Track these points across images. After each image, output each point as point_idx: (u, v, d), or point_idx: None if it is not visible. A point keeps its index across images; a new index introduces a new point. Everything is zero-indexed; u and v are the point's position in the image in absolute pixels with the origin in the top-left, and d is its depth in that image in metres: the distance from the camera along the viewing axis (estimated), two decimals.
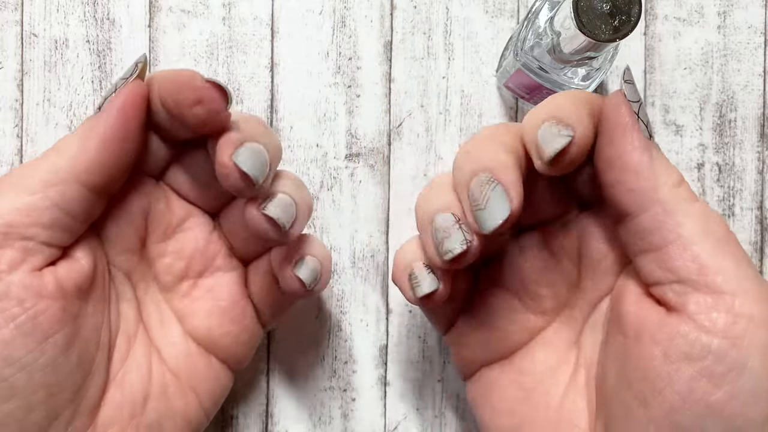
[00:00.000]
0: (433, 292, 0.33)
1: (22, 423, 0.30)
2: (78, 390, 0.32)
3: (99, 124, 0.31)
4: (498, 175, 0.30)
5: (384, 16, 0.43)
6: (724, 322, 0.28)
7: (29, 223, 0.30)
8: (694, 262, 0.29)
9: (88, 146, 0.31)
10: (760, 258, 0.44)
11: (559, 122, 0.30)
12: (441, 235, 0.31)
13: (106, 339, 0.34)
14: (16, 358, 0.29)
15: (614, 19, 0.32)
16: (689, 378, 0.28)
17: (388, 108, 0.43)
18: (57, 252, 0.32)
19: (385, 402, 0.43)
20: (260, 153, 0.31)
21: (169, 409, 0.35)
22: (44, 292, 0.30)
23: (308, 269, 0.34)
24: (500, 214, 0.30)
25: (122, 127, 0.31)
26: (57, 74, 0.43)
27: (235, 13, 0.43)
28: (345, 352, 0.43)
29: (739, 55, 0.44)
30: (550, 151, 0.30)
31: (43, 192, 0.31)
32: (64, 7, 0.43)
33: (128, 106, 0.32)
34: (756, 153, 0.44)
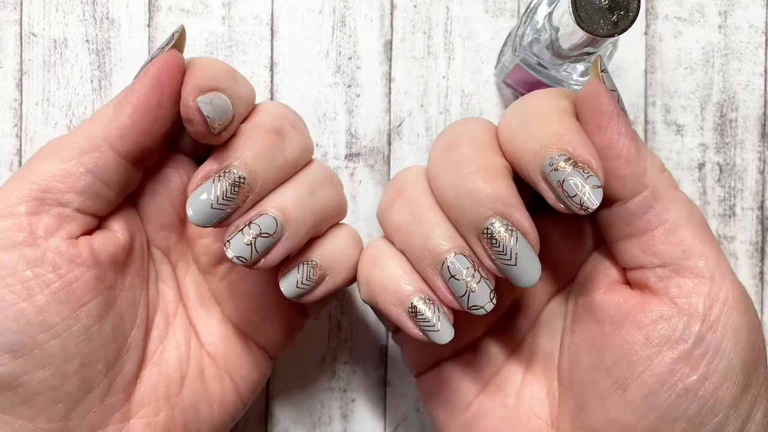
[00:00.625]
0: None
1: (56, 392, 0.30)
2: (112, 363, 0.32)
3: (132, 92, 0.31)
4: (514, 219, 0.29)
5: (384, 15, 0.43)
6: (703, 305, 0.29)
7: (64, 189, 0.31)
8: (679, 246, 0.30)
9: (121, 113, 0.31)
10: (761, 258, 0.43)
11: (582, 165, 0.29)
12: (462, 288, 0.30)
13: (144, 315, 0.34)
14: (51, 325, 0.30)
15: (613, 14, 0.32)
16: (669, 361, 0.29)
17: (388, 108, 0.43)
18: (93, 221, 0.32)
19: (386, 402, 0.43)
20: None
21: (206, 392, 0.35)
22: (78, 260, 0.31)
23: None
24: (535, 270, 0.30)
25: (155, 94, 0.31)
26: (56, 74, 0.43)
27: (235, 13, 0.43)
28: (345, 353, 0.43)
29: (740, 54, 0.44)
30: (591, 204, 0.29)
31: (77, 159, 0.31)
32: (64, 6, 0.43)
33: (162, 74, 0.31)
34: (757, 153, 0.44)
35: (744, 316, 0.30)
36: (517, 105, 0.32)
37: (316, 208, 0.33)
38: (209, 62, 0.32)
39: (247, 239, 0.31)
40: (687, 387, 0.29)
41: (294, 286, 0.33)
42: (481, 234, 0.30)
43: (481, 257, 0.30)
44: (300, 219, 0.32)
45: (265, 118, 0.32)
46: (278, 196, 0.32)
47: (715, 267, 0.30)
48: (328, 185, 0.34)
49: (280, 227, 0.31)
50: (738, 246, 0.43)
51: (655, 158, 0.31)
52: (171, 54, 0.32)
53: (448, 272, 0.30)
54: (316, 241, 0.33)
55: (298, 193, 0.32)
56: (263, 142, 0.31)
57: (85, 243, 0.31)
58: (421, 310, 0.31)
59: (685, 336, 0.29)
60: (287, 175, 0.32)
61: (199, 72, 0.31)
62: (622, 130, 0.30)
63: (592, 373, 0.31)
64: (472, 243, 0.30)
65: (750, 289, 0.43)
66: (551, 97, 0.31)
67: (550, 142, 0.29)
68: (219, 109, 0.30)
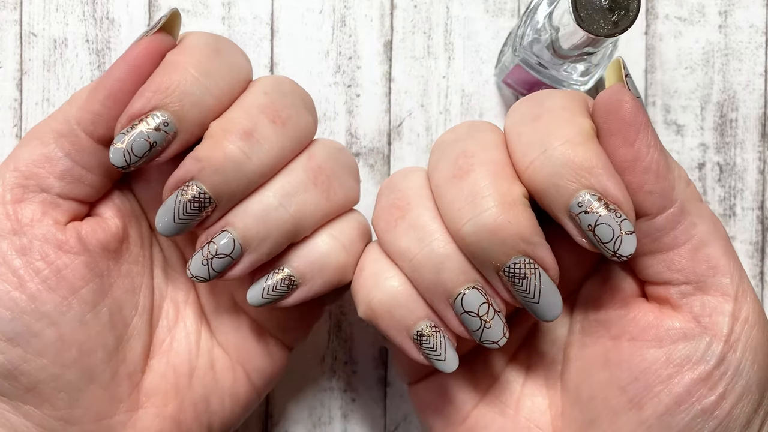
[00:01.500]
0: None
1: (58, 380, 0.30)
2: (113, 352, 0.31)
3: (108, 77, 0.30)
4: (537, 256, 0.28)
5: (384, 15, 0.43)
6: (726, 325, 0.29)
7: (44, 175, 0.30)
8: (705, 263, 0.29)
9: (93, 98, 0.30)
10: (761, 258, 0.43)
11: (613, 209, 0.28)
12: (476, 323, 0.29)
13: (147, 303, 0.33)
14: (44, 313, 0.30)
15: (613, 14, 0.32)
16: (689, 382, 0.28)
17: (388, 107, 0.43)
18: (80, 207, 0.32)
19: (386, 402, 0.43)
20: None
21: (217, 384, 0.34)
22: (66, 247, 0.30)
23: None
24: (557, 306, 0.29)
25: (131, 81, 0.30)
26: (56, 74, 0.43)
27: (235, 13, 0.43)
28: (345, 353, 0.43)
29: (740, 54, 0.44)
30: (626, 254, 0.28)
31: (54, 142, 0.31)
32: (63, 6, 0.43)
33: (139, 60, 0.30)
34: (757, 153, 0.43)
35: (762, 335, 0.29)
36: (530, 119, 0.29)
37: (286, 218, 0.31)
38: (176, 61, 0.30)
39: (204, 259, 0.31)
40: (704, 408, 0.28)
41: (259, 295, 0.32)
42: (501, 271, 0.29)
43: (500, 292, 0.29)
44: (262, 235, 0.30)
45: (237, 117, 0.30)
46: (241, 211, 0.30)
47: (738, 284, 0.29)
48: (309, 187, 0.31)
49: (239, 246, 0.30)
50: (738, 246, 0.43)
51: (681, 170, 0.30)
52: (153, 39, 0.30)
53: (461, 306, 0.29)
54: (293, 247, 0.32)
55: (263, 206, 0.30)
56: (228, 153, 0.29)
57: (73, 229, 0.31)
58: (427, 339, 0.30)
59: (707, 357, 0.28)
60: (259, 181, 0.31)
61: (151, 84, 0.30)
62: (651, 143, 0.29)
63: (605, 390, 0.30)
64: (490, 277, 0.29)
65: None
66: (570, 115, 0.29)
67: (578, 177, 0.27)
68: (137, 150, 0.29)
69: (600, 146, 0.28)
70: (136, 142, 0.29)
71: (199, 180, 0.29)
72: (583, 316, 0.32)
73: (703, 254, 0.29)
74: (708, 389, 0.28)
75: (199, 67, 0.30)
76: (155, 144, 0.29)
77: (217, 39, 0.32)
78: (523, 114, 0.30)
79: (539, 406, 0.33)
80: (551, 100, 0.30)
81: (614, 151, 0.29)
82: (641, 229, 0.29)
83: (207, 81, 0.30)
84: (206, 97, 0.30)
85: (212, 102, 0.30)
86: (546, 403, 0.33)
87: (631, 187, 0.29)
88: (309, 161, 0.32)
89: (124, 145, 0.29)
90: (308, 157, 0.32)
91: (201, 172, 0.29)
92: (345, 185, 0.33)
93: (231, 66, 0.31)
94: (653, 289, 0.30)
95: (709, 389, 0.28)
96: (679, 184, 0.29)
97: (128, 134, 0.29)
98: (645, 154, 0.29)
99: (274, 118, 0.31)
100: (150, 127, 0.29)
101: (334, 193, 0.32)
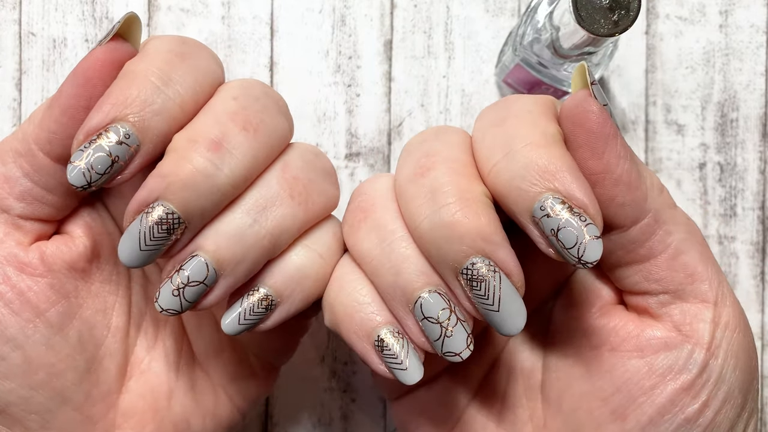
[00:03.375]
0: None
1: (28, 403, 0.29)
2: (84, 373, 0.30)
3: (60, 93, 0.28)
4: (497, 258, 0.27)
5: (384, 14, 0.43)
6: (707, 331, 0.28)
7: (4, 195, 0.29)
8: (683, 270, 0.28)
9: (48, 116, 0.28)
10: (762, 258, 0.43)
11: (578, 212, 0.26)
12: (436, 331, 0.27)
13: (122, 322, 0.32)
14: (10, 336, 0.29)
15: (613, 13, 0.32)
16: (671, 392, 0.28)
17: (388, 107, 0.43)
18: (45, 226, 0.30)
19: (385, 403, 0.43)
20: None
21: (197, 405, 0.33)
22: (28, 269, 0.29)
23: None
24: (520, 316, 0.27)
25: (84, 96, 0.28)
26: (55, 73, 0.42)
27: (235, 12, 0.43)
28: (345, 353, 0.43)
29: (741, 54, 0.44)
30: (590, 260, 0.26)
31: (13, 162, 0.29)
32: (63, 6, 0.43)
33: (92, 72, 0.28)
34: (758, 153, 0.43)
35: (743, 338, 0.29)
36: (496, 125, 0.28)
37: (262, 235, 0.28)
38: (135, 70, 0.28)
39: (174, 289, 0.28)
40: (688, 417, 0.28)
41: (236, 323, 0.29)
42: (459, 274, 0.27)
43: (460, 298, 0.27)
44: (239, 256, 0.28)
45: (204, 126, 0.28)
46: (212, 232, 0.28)
47: (717, 289, 0.29)
48: (285, 200, 0.29)
49: (212, 271, 0.28)
50: (739, 246, 0.43)
51: (653, 177, 0.29)
52: (107, 49, 0.28)
53: (420, 312, 0.27)
54: (267, 263, 0.30)
55: (237, 224, 0.28)
56: (196, 165, 0.27)
57: (36, 250, 0.29)
58: (388, 345, 0.28)
59: (690, 366, 0.28)
60: (232, 195, 0.28)
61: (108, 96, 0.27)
62: (620, 153, 0.27)
63: (587, 401, 0.30)
64: (449, 281, 0.27)
65: (750, 289, 0.43)
66: (535, 118, 0.28)
67: (541, 180, 0.26)
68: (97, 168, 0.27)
69: (565, 149, 0.27)
70: (97, 158, 0.27)
71: (165, 199, 0.27)
72: (563, 325, 0.32)
73: (680, 262, 0.28)
74: (691, 398, 0.28)
75: (160, 75, 0.27)
76: (117, 159, 0.27)
77: (182, 42, 0.29)
78: (489, 118, 0.29)
79: (521, 418, 0.32)
80: (517, 104, 0.29)
81: (583, 163, 0.28)
82: (615, 241, 0.28)
83: (169, 89, 0.28)
84: (169, 105, 0.27)
85: (176, 111, 0.28)
86: (527, 414, 0.32)
87: (602, 200, 0.27)
88: (284, 172, 0.29)
89: (83, 163, 0.27)
90: (283, 167, 0.29)
91: (167, 189, 0.27)
92: (323, 193, 0.30)
93: (197, 71, 0.29)
94: (632, 298, 0.30)
95: (692, 398, 0.28)
96: (652, 192, 0.28)
97: (87, 150, 0.27)
98: (615, 165, 0.27)
99: (245, 125, 0.28)
100: (111, 141, 0.27)
101: (312, 203, 0.30)
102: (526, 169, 0.26)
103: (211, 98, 0.29)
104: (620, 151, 0.27)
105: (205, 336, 0.33)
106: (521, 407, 0.32)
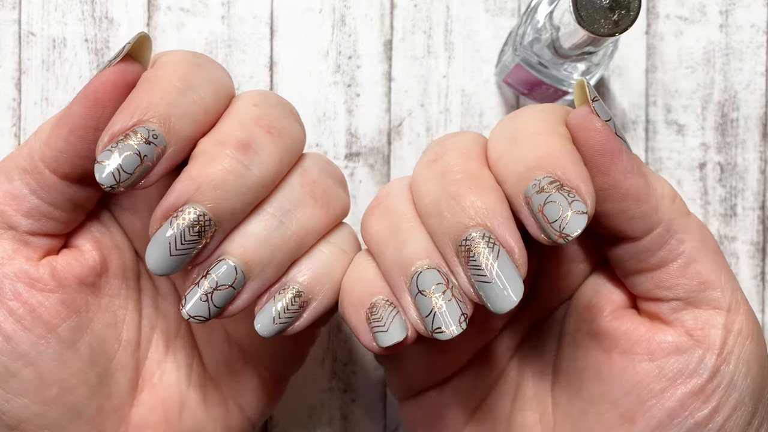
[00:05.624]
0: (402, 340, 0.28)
1: (41, 418, 0.29)
2: (96, 387, 0.30)
3: (69, 112, 0.28)
4: (498, 233, 0.26)
5: (384, 14, 0.43)
6: (719, 337, 0.28)
7: (11, 212, 0.29)
8: (695, 279, 0.28)
9: (56, 135, 0.28)
10: (762, 258, 0.43)
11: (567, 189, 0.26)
12: (428, 305, 0.27)
13: (133, 336, 0.32)
14: (21, 353, 0.28)
15: (613, 13, 0.32)
16: (681, 396, 0.28)
17: (388, 107, 0.43)
18: (54, 241, 0.30)
19: (385, 403, 0.43)
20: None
21: (209, 417, 0.32)
22: (39, 285, 0.29)
23: None
24: (516, 291, 0.26)
25: (93, 116, 0.27)
26: (55, 73, 0.42)
27: (234, 12, 0.43)
28: (345, 353, 0.43)
29: (741, 54, 0.44)
30: (571, 232, 0.25)
31: (19, 179, 0.29)
32: (62, 5, 0.43)
33: (102, 93, 0.27)
34: (758, 152, 0.43)
35: (756, 346, 0.29)
36: (507, 123, 0.29)
37: (288, 237, 0.29)
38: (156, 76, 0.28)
39: (203, 294, 0.28)
40: (697, 421, 0.28)
41: (270, 323, 0.29)
42: (459, 247, 0.26)
43: (458, 276, 0.27)
44: (266, 258, 0.28)
45: (231, 129, 0.28)
46: (239, 235, 0.28)
47: (731, 297, 0.29)
48: (309, 202, 0.29)
49: (241, 274, 0.28)
50: (739, 246, 0.43)
51: (665, 186, 0.29)
52: (117, 69, 0.28)
53: (416, 287, 0.27)
54: (293, 264, 0.30)
55: (264, 225, 0.28)
56: (226, 166, 0.27)
57: (47, 265, 0.29)
58: (376, 311, 0.28)
59: (700, 370, 0.28)
60: (260, 196, 0.28)
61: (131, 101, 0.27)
62: (627, 168, 0.27)
63: (597, 404, 0.30)
64: (449, 258, 0.27)
65: (751, 290, 0.43)
66: (544, 117, 0.28)
67: (537, 163, 0.26)
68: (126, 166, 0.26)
69: (568, 141, 0.27)
70: (125, 157, 0.26)
71: (196, 201, 0.27)
72: (575, 328, 0.32)
73: (692, 271, 0.28)
74: (701, 402, 0.28)
75: (183, 80, 0.28)
76: (145, 158, 0.26)
77: (195, 54, 0.30)
78: (504, 118, 0.30)
79: (530, 421, 0.32)
80: (531, 107, 0.30)
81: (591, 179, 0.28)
82: (627, 250, 0.29)
83: (193, 93, 0.28)
84: (194, 108, 0.28)
85: (201, 115, 0.28)
86: (536, 417, 0.32)
87: (612, 214, 0.28)
88: (304, 177, 0.30)
89: (112, 162, 0.26)
90: (302, 173, 0.30)
91: (198, 190, 0.27)
92: (339, 198, 0.31)
93: (215, 80, 0.29)
94: (644, 304, 0.30)
95: (702, 402, 0.28)
96: (663, 202, 0.28)
97: (114, 150, 0.26)
98: (621, 181, 0.27)
99: (269, 129, 0.28)
100: (139, 141, 0.26)
101: (332, 207, 0.30)
102: (525, 153, 0.27)
103: (228, 107, 0.29)
104: (627, 165, 0.27)
105: (216, 349, 0.33)
106: (530, 410, 0.32)
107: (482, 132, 0.43)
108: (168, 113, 0.27)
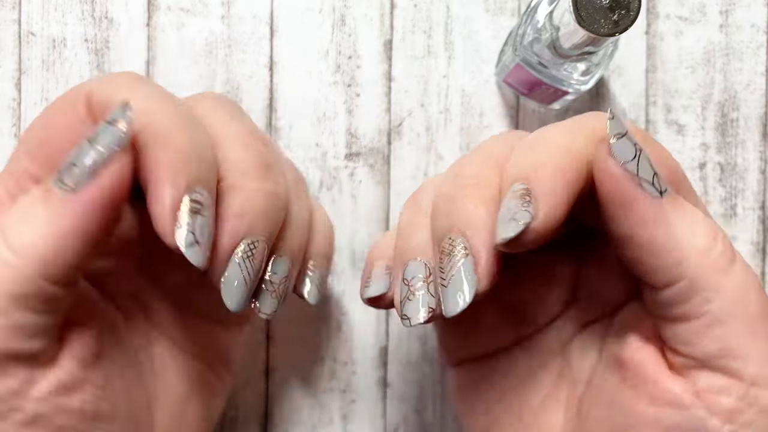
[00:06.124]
0: (381, 296, 0.31)
1: None
2: None
3: (64, 216, 0.25)
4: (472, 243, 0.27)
5: (384, 14, 0.43)
6: (731, 406, 0.26)
7: None
8: (716, 343, 0.26)
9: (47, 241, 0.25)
10: (763, 258, 0.43)
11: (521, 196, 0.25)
12: (404, 292, 0.28)
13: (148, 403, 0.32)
14: None
15: (614, 13, 0.32)
16: None
17: (388, 107, 0.43)
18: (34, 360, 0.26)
19: (385, 404, 0.43)
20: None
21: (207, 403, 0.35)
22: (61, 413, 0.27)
23: None
24: (462, 300, 0.26)
25: (94, 225, 0.25)
26: (55, 73, 0.42)
27: (234, 12, 0.43)
28: (345, 354, 0.43)
29: (741, 54, 0.43)
30: (501, 238, 0.25)
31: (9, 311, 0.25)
32: (62, 5, 0.42)
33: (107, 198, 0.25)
34: (758, 152, 0.43)
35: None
36: (534, 134, 0.28)
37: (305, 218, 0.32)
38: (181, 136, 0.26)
39: (273, 292, 0.30)
40: None
41: (316, 291, 0.33)
42: (440, 247, 0.27)
43: (434, 273, 0.28)
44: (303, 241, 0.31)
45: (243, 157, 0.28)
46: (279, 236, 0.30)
47: (759, 368, 0.25)
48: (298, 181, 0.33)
49: (290, 263, 0.30)
50: (739, 246, 0.43)
51: (698, 233, 0.26)
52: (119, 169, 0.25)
53: (403, 274, 0.29)
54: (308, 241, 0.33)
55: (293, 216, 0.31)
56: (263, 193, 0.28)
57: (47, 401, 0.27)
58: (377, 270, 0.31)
59: (696, 428, 0.26)
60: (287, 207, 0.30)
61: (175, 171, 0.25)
62: (644, 218, 0.25)
63: (602, 426, 0.28)
64: (435, 256, 0.28)
65: None
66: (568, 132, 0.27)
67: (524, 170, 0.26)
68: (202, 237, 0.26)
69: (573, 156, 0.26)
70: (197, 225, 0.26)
71: (250, 235, 0.27)
72: (609, 348, 0.30)
73: (715, 334, 0.26)
74: None
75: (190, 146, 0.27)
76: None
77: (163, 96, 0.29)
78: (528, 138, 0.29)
79: (556, 423, 0.31)
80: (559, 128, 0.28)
81: (605, 224, 0.27)
82: (649, 295, 0.27)
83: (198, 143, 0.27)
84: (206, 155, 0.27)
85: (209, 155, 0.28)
86: (561, 421, 0.31)
87: (627, 260, 0.27)
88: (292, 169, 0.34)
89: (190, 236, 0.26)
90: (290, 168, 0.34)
91: (249, 226, 0.27)
92: None
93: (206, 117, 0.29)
94: (664, 349, 0.28)
95: None
96: (690, 256, 0.25)
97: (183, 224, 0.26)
98: (636, 232, 0.26)
99: (259, 137, 0.30)
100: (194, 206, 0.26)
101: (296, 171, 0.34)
102: (522, 156, 0.27)
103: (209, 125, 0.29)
104: (644, 215, 0.25)
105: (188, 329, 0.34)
106: (558, 412, 0.32)
107: (482, 132, 0.43)
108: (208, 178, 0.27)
